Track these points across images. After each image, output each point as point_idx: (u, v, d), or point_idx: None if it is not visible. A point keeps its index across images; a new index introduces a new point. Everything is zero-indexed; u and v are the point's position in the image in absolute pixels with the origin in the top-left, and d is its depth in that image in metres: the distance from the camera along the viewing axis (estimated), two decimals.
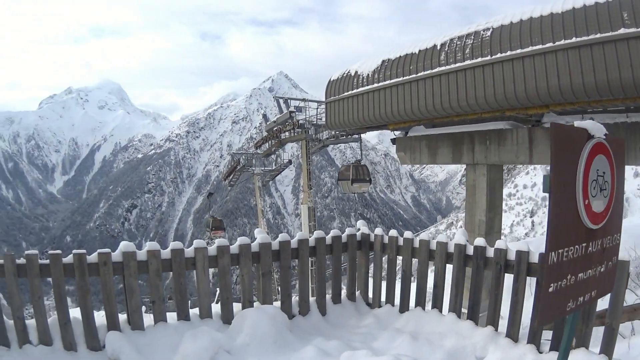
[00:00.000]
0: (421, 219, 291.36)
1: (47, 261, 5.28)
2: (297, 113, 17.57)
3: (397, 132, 12.91)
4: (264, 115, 23.12)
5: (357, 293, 7.25)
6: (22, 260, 5.23)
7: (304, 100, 17.55)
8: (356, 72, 11.26)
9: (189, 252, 5.91)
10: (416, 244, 6.45)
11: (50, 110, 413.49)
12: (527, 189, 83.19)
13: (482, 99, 8.81)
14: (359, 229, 7.24)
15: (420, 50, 9.89)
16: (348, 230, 7.07)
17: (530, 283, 5.36)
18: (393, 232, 6.82)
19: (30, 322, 5.35)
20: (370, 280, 7.22)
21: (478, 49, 8.83)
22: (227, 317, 6.11)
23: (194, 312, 6.10)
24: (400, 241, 6.64)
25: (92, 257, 5.48)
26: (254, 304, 6.32)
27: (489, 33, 8.75)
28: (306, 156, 17.73)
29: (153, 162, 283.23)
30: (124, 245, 5.67)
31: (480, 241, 5.75)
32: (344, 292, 7.23)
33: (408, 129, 12.42)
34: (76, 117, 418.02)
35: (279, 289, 6.64)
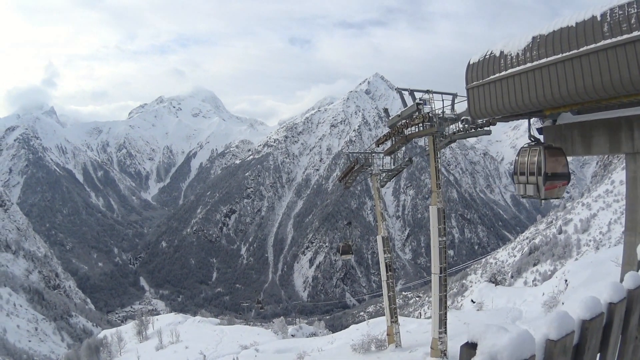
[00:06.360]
0: (520, 218, 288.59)
1: None
2: (424, 105, 17.08)
3: (543, 121, 12.19)
4: (385, 110, 22.72)
5: None
6: None
7: (427, 91, 16.99)
8: (502, 52, 10.52)
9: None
10: None
11: (141, 120, 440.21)
12: (624, 184, 78.88)
13: None
14: None
15: (578, 23, 9.21)
16: None
17: None
18: None
19: None
20: None
21: None
22: None
23: None
24: None
25: None
26: None
27: None
28: (434, 153, 17.10)
29: (251, 167, 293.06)
30: None
31: None
32: None
33: (557, 116, 11.67)
34: (169, 126, 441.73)
35: None
